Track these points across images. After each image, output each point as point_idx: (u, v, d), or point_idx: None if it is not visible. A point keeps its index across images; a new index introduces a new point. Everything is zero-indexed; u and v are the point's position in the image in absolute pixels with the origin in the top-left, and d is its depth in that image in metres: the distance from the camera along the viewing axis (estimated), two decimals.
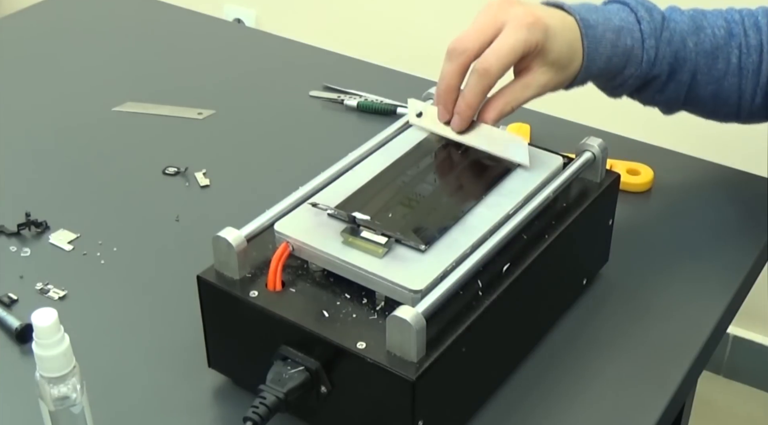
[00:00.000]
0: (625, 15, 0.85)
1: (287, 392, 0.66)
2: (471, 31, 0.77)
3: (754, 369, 1.86)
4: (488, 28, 0.76)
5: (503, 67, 0.76)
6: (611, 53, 0.83)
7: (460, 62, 0.76)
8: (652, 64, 0.85)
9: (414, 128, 0.82)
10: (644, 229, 0.92)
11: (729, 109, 0.91)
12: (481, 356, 0.69)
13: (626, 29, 0.84)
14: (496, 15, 0.77)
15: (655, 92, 0.89)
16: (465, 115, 0.77)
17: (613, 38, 0.83)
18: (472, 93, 0.76)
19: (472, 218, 0.72)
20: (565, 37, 0.80)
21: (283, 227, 0.71)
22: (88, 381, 0.64)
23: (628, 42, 0.84)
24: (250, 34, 1.46)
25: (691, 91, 0.89)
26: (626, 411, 0.74)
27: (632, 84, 0.87)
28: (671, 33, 0.86)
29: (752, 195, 0.97)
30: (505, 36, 0.76)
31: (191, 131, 1.09)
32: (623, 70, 0.85)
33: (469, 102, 0.77)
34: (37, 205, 0.94)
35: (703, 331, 0.81)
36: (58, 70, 1.22)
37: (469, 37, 0.76)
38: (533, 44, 0.77)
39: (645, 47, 0.85)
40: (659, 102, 0.91)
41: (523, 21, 0.76)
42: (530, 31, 0.76)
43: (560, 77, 0.81)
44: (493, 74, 0.75)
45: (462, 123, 0.78)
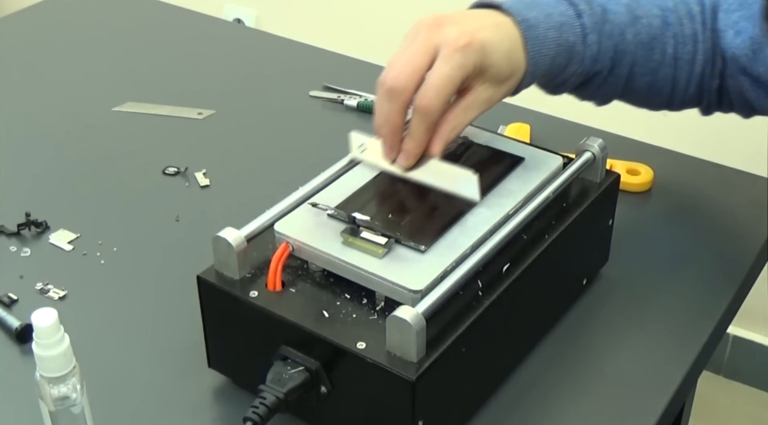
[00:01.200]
0: (564, 8, 0.80)
1: (287, 392, 0.66)
2: (404, 63, 0.72)
3: (754, 369, 1.86)
4: (421, 58, 0.72)
5: (444, 101, 0.72)
6: (555, 52, 0.79)
7: (400, 102, 0.71)
8: (595, 59, 0.82)
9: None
10: (644, 229, 0.92)
11: (662, 99, 0.89)
12: (481, 356, 0.69)
13: (567, 24, 0.80)
14: (427, 40, 0.72)
15: (595, 88, 0.86)
16: (412, 153, 0.73)
17: (555, 36, 0.78)
18: (417, 132, 0.72)
19: (472, 218, 0.72)
20: (503, 49, 0.75)
21: (283, 227, 0.71)
22: (88, 381, 0.64)
23: (570, 38, 0.80)
24: (250, 34, 1.46)
25: (628, 83, 0.86)
26: (626, 411, 0.74)
27: (574, 82, 0.83)
28: (611, 26, 0.82)
29: (752, 195, 0.97)
30: (441, 66, 0.71)
31: (191, 131, 1.09)
32: (566, 68, 0.81)
33: (415, 141, 0.73)
34: (37, 205, 0.94)
35: (703, 331, 0.81)
36: (58, 70, 1.22)
37: (404, 72, 0.71)
38: (471, 68, 0.72)
39: (587, 43, 0.81)
40: (596, 96, 0.88)
41: (457, 44, 0.71)
42: (466, 55, 0.72)
43: (503, 90, 0.77)
44: (435, 112, 0.72)
45: (410, 160, 0.74)
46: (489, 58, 0.73)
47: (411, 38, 0.74)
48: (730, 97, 0.88)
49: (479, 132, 0.81)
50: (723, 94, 0.88)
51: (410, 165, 0.74)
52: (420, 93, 0.71)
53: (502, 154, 0.79)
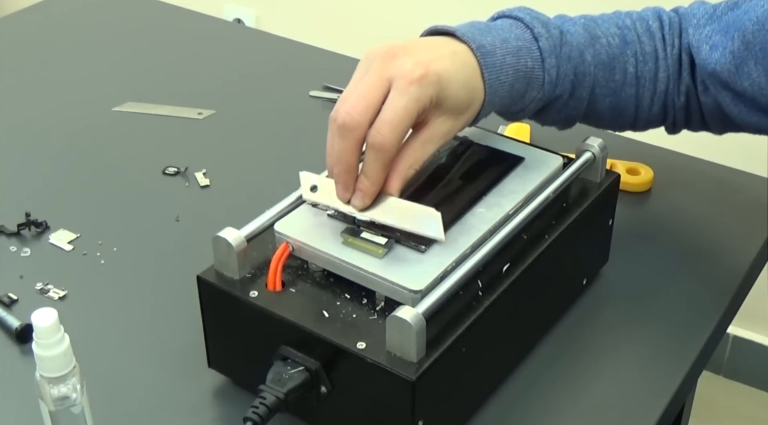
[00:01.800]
0: (520, 32, 0.77)
1: (287, 392, 0.66)
2: (357, 98, 0.68)
3: (754, 369, 1.86)
4: (375, 92, 0.68)
5: (399, 137, 0.68)
6: (513, 79, 0.75)
7: (354, 139, 0.68)
8: (555, 84, 0.79)
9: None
10: (644, 229, 0.92)
11: (626, 119, 0.87)
12: (481, 356, 0.69)
13: (525, 49, 0.77)
14: (380, 73, 0.68)
15: (555, 112, 0.83)
16: (369, 192, 0.69)
17: (513, 62, 0.75)
18: (372, 170, 0.69)
19: (472, 218, 0.72)
20: (459, 80, 0.71)
21: (283, 227, 0.71)
22: (88, 381, 0.64)
23: (528, 63, 0.76)
24: (250, 34, 1.46)
25: (590, 105, 0.84)
26: (626, 411, 0.74)
27: (534, 107, 0.80)
28: (570, 48, 0.79)
29: (752, 195, 0.97)
30: (395, 100, 0.68)
31: (191, 131, 1.09)
32: (524, 94, 0.78)
33: (371, 180, 0.69)
34: (37, 205, 0.94)
35: (703, 331, 0.81)
36: (58, 70, 1.22)
37: (357, 109, 0.67)
38: (427, 101, 0.69)
39: (546, 67, 0.77)
40: (557, 121, 0.85)
41: (411, 77, 0.68)
42: (421, 87, 0.68)
43: (461, 121, 0.73)
44: (390, 148, 0.68)
45: (366, 200, 0.70)
46: (446, 89, 0.70)
47: (363, 71, 0.71)
48: (701, 115, 0.87)
49: (479, 132, 0.81)
50: (690, 111, 0.87)
51: (366, 205, 0.70)
52: (374, 129, 0.68)
53: (502, 154, 0.79)
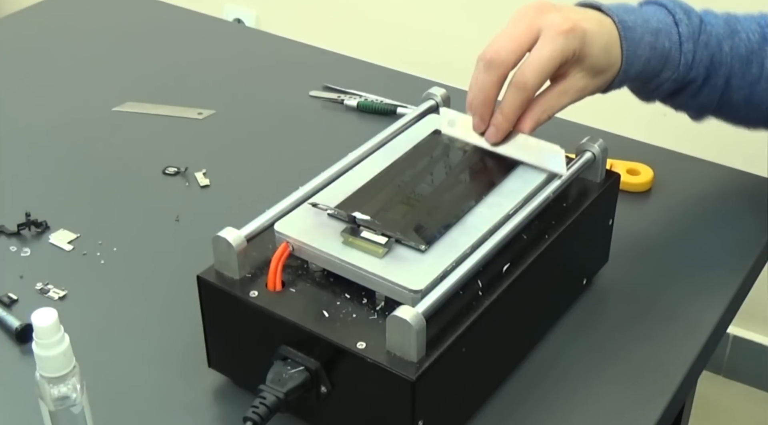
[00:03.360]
0: (662, 17, 0.83)
1: (287, 392, 0.66)
2: (507, 40, 0.75)
3: (754, 369, 1.86)
4: (524, 37, 0.75)
5: (541, 80, 0.75)
6: (650, 56, 0.82)
7: (498, 74, 0.74)
8: (690, 67, 0.84)
9: (415, 127, 0.82)
10: (644, 229, 0.92)
11: (760, 114, 0.89)
12: (481, 356, 0.69)
13: (664, 31, 0.82)
14: (531, 22, 0.75)
15: (689, 97, 0.87)
16: (502, 127, 0.76)
17: (651, 40, 0.81)
18: (510, 106, 0.75)
19: (472, 218, 0.72)
20: (602, 42, 0.78)
21: (283, 227, 0.71)
22: (88, 381, 0.64)
23: (666, 44, 0.82)
24: (250, 34, 1.46)
25: (725, 96, 0.87)
26: (626, 411, 0.74)
27: (668, 88, 0.85)
28: (708, 36, 0.84)
29: (752, 195, 0.97)
30: (542, 46, 0.75)
31: (191, 131, 1.09)
32: (660, 73, 0.84)
33: (507, 115, 0.76)
34: (37, 205, 0.94)
35: (703, 331, 0.81)
36: (57, 70, 1.22)
37: (505, 48, 0.74)
38: (571, 53, 0.75)
39: (683, 50, 0.83)
40: (691, 107, 0.89)
41: (560, 29, 0.75)
42: (567, 39, 0.75)
43: (598, 82, 0.80)
44: (531, 88, 0.75)
45: (499, 135, 0.77)
46: (589, 47, 0.76)
47: (515, 21, 0.76)
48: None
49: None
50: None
51: (498, 140, 0.77)
52: (519, 69, 0.74)
53: None
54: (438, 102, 0.85)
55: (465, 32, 1.83)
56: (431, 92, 0.85)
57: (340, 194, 0.74)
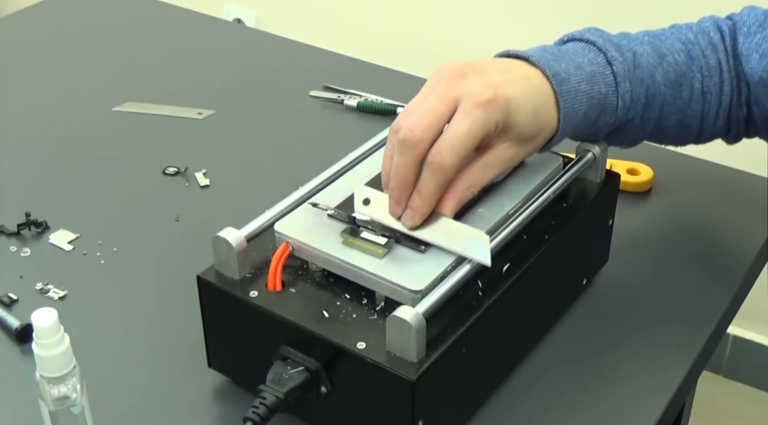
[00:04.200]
0: (593, 56, 0.76)
1: (287, 392, 0.66)
2: (421, 114, 0.67)
3: (754, 369, 1.86)
4: (440, 110, 0.67)
5: (460, 159, 0.67)
6: (587, 107, 0.74)
7: (414, 156, 0.67)
8: (627, 108, 0.77)
9: None
10: (644, 229, 0.92)
11: (690, 135, 0.86)
12: (481, 356, 0.69)
13: (599, 74, 0.75)
14: (448, 91, 0.68)
15: (624, 134, 0.81)
16: (420, 211, 0.68)
17: (587, 89, 0.74)
18: (427, 189, 0.67)
19: (472, 218, 0.72)
20: (529, 107, 0.70)
21: (283, 227, 0.71)
22: (88, 381, 0.64)
23: (602, 89, 0.75)
24: (250, 34, 1.46)
25: (658, 124, 0.82)
26: (626, 411, 0.74)
27: (605, 132, 0.79)
28: (642, 71, 0.78)
29: (752, 195, 0.97)
30: (459, 122, 0.67)
31: (191, 131, 1.09)
32: (597, 120, 0.76)
33: (424, 198, 0.68)
34: (37, 205, 0.94)
35: (703, 331, 0.81)
36: (58, 70, 1.22)
37: (420, 124, 0.66)
38: (492, 126, 0.67)
39: (620, 92, 0.76)
40: (624, 141, 0.83)
41: (479, 99, 0.67)
42: (487, 111, 0.67)
43: (528, 148, 0.72)
44: (448, 169, 0.67)
45: (417, 219, 0.68)
46: (513, 116, 0.69)
47: (431, 86, 0.69)
48: (755, 124, 0.86)
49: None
50: (750, 121, 0.86)
51: (416, 224, 0.69)
52: (434, 148, 0.67)
53: None
54: None
55: (465, 32, 1.83)
56: None
57: (340, 194, 0.74)
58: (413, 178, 0.68)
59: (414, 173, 0.68)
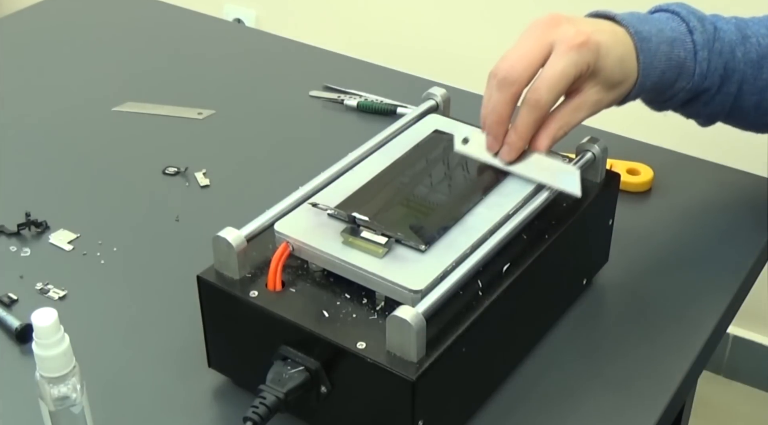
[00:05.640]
0: (676, 25, 0.81)
1: (287, 392, 0.66)
2: (519, 56, 0.73)
3: (754, 369, 1.86)
4: (536, 52, 0.73)
5: (555, 97, 0.73)
6: (665, 66, 0.80)
7: (511, 93, 0.73)
8: (705, 76, 0.82)
9: (415, 127, 0.82)
10: (644, 229, 0.92)
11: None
12: (481, 356, 0.69)
13: (679, 40, 0.81)
14: (543, 36, 0.73)
15: (702, 106, 0.86)
16: (516, 146, 0.74)
17: (667, 50, 0.79)
18: (523, 125, 0.74)
19: (472, 218, 0.72)
20: (617, 54, 0.76)
21: (283, 227, 0.71)
22: (88, 381, 0.64)
23: (681, 54, 0.81)
24: (250, 34, 1.46)
25: (736, 102, 0.86)
26: (626, 411, 0.74)
27: (682, 97, 0.84)
28: (722, 44, 0.83)
29: (752, 195, 0.97)
30: (555, 62, 0.73)
31: (191, 131, 1.09)
32: (675, 83, 0.82)
33: (520, 134, 0.74)
34: (37, 205, 0.94)
35: (703, 331, 0.81)
36: (58, 70, 1.22)
37: (518, 65, 0.72)
38: (584, 67, 0.74)
39: (698, 59, 0.81)
40: (702, 115, 0.88)
41: (573, 42, 0.73)
42: (580, 53, 0.73)
43: (613, 95, 0.78)
44: (544, 105, 0.73)
45: (513, 154, 0.75)
46: (603, 60, 0.74)
47: (527, 36, 0.74)
48: None
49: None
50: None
51: (513, 159, 0.75)
52: (532, 86, 0.72)
53: None
54: (438, 102, 0.85)
55: (465, 32, 1.83)
56: (431, 92, 0.85)
57: (340, 194, 0.74)
58: (510, 113, 0.74)
59: (510, 110, 0.73)
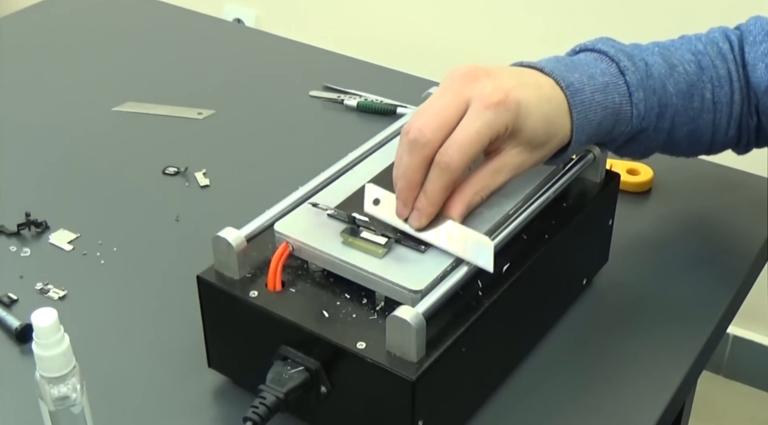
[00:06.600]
0: (606, 67, 0.76)
1: (287, 392, 0.66)
2: (431, 115, 0.67)
3: (754, 369, 1.86)
4: (451, 111, 0.67)
5: (467, 160, 0.67)
6: (601, 117, 0.74)
7: (422, 156, 0.67)
8: (642, 117, 0.77)
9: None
10: (644, 229, 0.92)
11: (702, 146, 0.86)
12: (481, 356, 0.69)
13: (612, 84, 0.75)
14: (459, 92, 0.68)
15: (638, 145, 0.81)
16: (426, 212, 0.68)
17: (601, 100, 0.73)
18: (433, 190, 0.67)
19: (472, 218, 0.72)
20: (541, 113, 0.69)
21: (283, 227, 0.71)
22: (88, 381, 0.64)
23: (616, 99, 0.75)
24: (250, 34, 1.46)
25: (670, 134, 0.81)
26: (626, 411, 0.74)
27: (620, 141, 0.79)
28: (654, 80, 0.77)
29: (752, 195, 0.97)
30: (468, 122, 0.67)
31: (191, 131, 1.09)
32: (612, 130, 0.76)
33: (430, 199, 0.68)
34: (37, 205, 0.94)
35: (703, 331, 0.81)
36: (58, 70, 1.22)
37: (429, 126, 0.66)
38: (502, 128, 0.67)
39: (633, 102, 0.76)
40: (637, 153, 0.83)
41: (489, 101, 0.67)
42: (497, 113, 0.67)
43: (537, 156, 0.71)
44: (455, 169, 0.67)
45: (423, 220, 0.68)
46: (523, 120, 0.68)
47: (443, 89, 0.69)
48: (766, 133, 0.86)
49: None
50: (760, 130, 0.86)
51: (422, 226, 0.68)
52: (443, 148, 0.67)
53: None
54: None
55: (465, 32, 1.83)
56: (431, 92, 0.85)
57: (340, 194, 0.74)
58: (421, 179, 0.68)
59: (421, 174, 0.68)
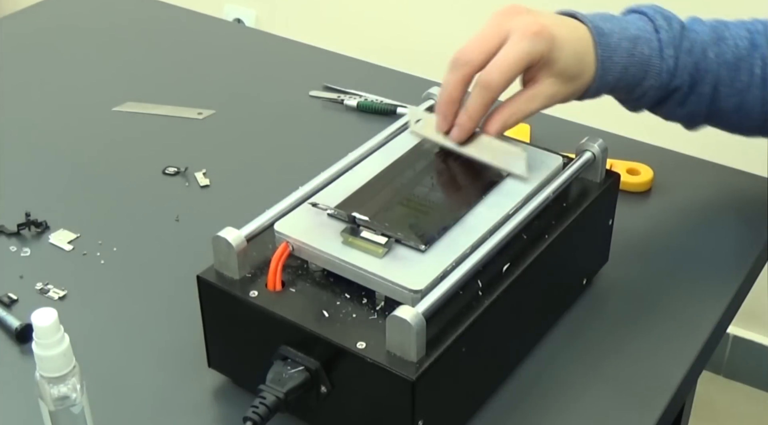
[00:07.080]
0: (642, 24, 0.83)
1: (287, 392, 0.66)
2: (475, 41, 0.75)
3: (754, 369, 1.86)
4: (492, 38, 0.75)
5: (506, 80, 0.74)
6: (627, 63, 0.81)
7: (462, 74, 0.75)
8: (672, 74, 0.83)
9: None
10: (644, 229, 0.92)
11: (752, 122, 0.88)
12: (481, 356, 0.69)
13: (643, 38, 0.81)
14: (500, 24, 0.75)
15: (676, 105, 0.86)
16: (466, 127, 0.76)
17: (629, 47, 0.80)
18: (474, 106, 0.75)
19: (472, 218, 0.72)
20: (572, 47, 0.77)
21: (283, 227, 0.71)
22: (88, 381, 0.64)
23: (645, 51, 0.81)
24: (250, 34, 1.46)
25: (714, 104, 0.86)
26: (626, 411, 0.74)
27: (653, 96, 0.84)
28: (691, 43, 0.83)
29: (752, 195, 0.97)
30: (508, 47, 0.74)
31: (191, 131, 1.09)
32: (642, 81, 0.83)
33: (470, 115, 0.76)
34: (37, 205, 0.94)
35: (703, 331, 0.81)
36: (57, 70, 1.22)
37: (472, 48, 0.75)
38: (537, 55, 0.75)
39: (663, 56, 0.82)
40: (680, 116, 0.88)
41: (528, 31, 0.74)
42: (534, 41, 0.74)
43: (569, 89, 0.79)
44: (495, 88, 0.74)
45: (462, 134, 0.77)
46: (558, 52, 0.76)
47: (487, 23, 0.76)
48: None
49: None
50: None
51: (461, 139, 0.77)
52: (485, 69, 0.74)
53: None
54: None
55: (465, 32, 1.83)
56: (431, 92, 0.85)
57: (340, 194, 0.74)
58: (459, 95, 0.76)
59: (460, 91, 0.75)
